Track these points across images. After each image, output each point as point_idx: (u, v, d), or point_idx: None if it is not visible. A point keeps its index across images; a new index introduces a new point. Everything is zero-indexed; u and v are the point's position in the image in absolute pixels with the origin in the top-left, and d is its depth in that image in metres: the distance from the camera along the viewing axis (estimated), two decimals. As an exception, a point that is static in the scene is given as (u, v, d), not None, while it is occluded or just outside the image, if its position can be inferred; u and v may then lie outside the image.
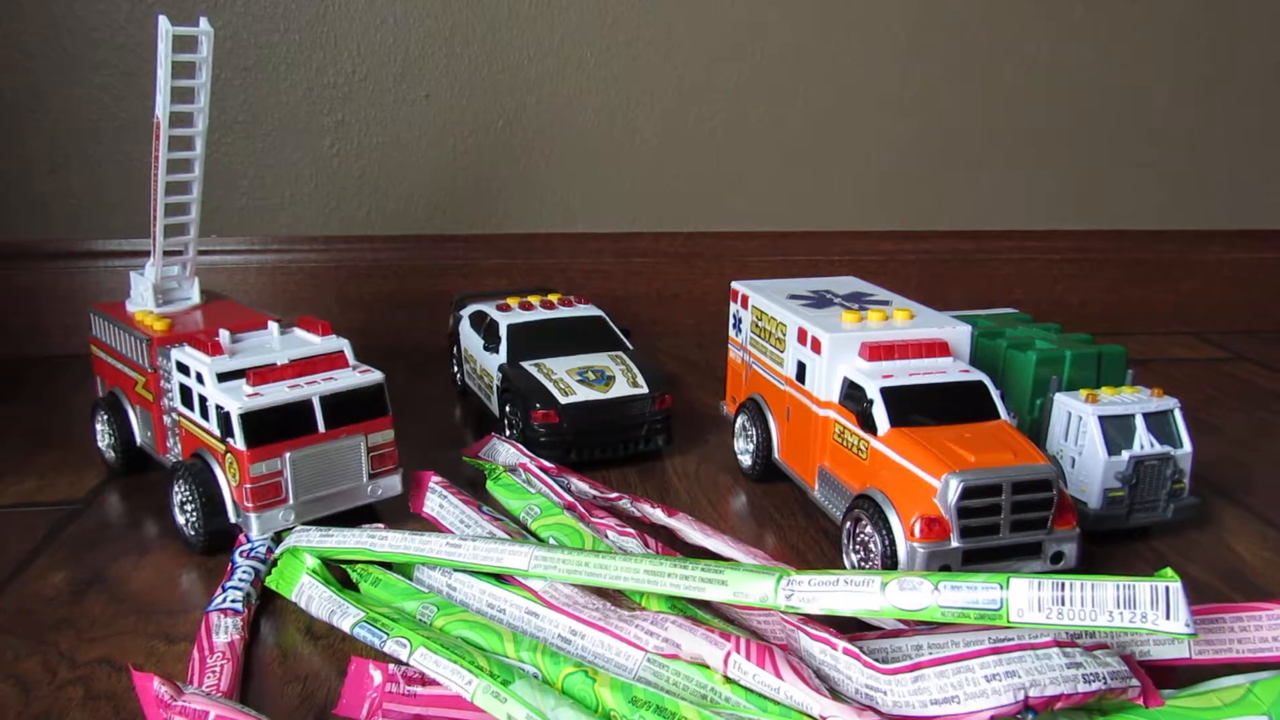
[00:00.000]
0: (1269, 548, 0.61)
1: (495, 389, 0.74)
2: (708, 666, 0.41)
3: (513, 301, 0.79)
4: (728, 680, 0.40)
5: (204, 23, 0.59)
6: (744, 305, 0.71)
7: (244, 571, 0.53)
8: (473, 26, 0.95)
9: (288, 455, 0.55)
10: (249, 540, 0.56)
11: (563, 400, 0.68)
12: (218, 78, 0.89)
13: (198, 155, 0.63)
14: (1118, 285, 1.11)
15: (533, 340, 0.74)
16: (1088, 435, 0.60)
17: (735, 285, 0.72)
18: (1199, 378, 0.96)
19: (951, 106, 1.04)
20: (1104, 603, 0.38)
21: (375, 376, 0.59)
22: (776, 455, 0.67)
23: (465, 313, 0.83)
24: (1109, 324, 1.11)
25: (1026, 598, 0.39)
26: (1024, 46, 1.03)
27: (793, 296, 0.68)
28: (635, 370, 0.72)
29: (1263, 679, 0.40)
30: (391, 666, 0.44)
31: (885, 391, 0.56)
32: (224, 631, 0.48)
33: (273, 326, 0.62)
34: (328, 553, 0.52)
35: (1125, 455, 0.59)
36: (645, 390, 0.70)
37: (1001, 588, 0.39)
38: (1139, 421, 0.60)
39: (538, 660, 0.43)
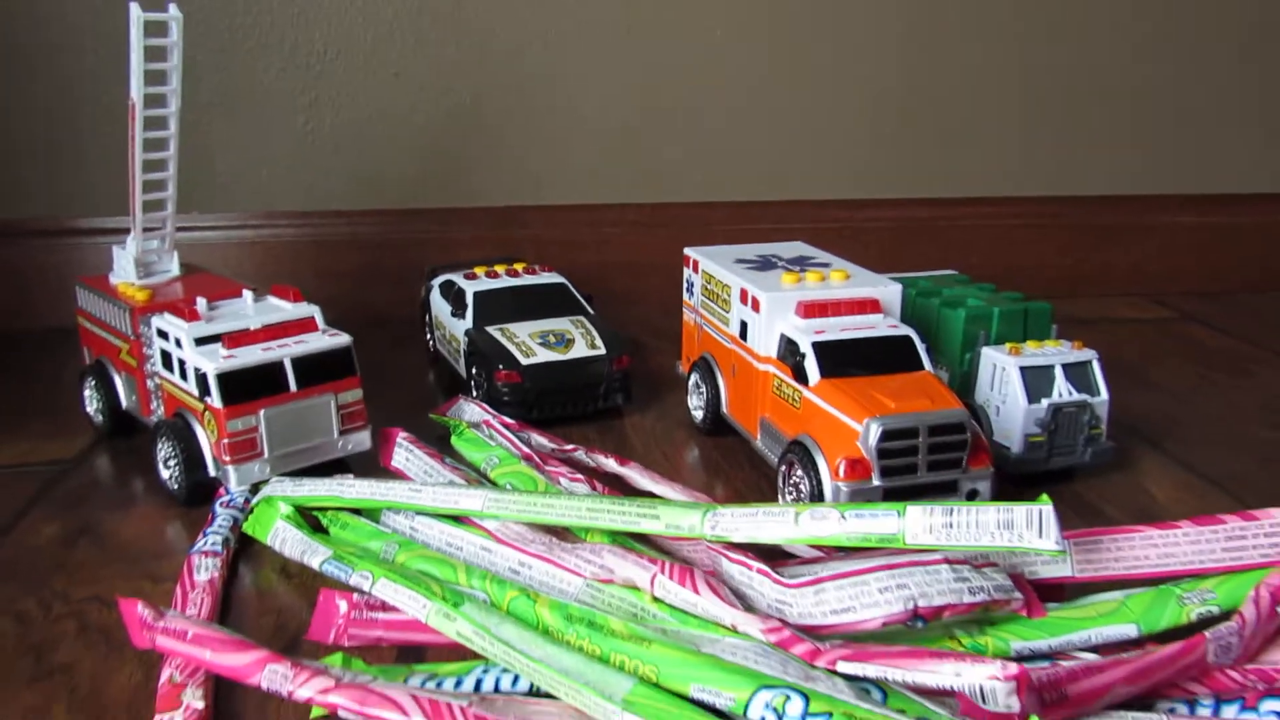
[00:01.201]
0: (1181, 489, 0.66)
1: (462, 352, 0.78)
2: (638, 588, 0.45)
3: (479, 270, 0.83)
4: (656, 600, 0.45)
5: (173, 8, 0.63)
6: (695, 270, 0.75)
7: (223, 519, 0.57)
8: (440, 5, 0.98)
9: (262, 413, 0.59)
10: (228, 492, 0.60)
11: (524, 361, 0.72)
12: (193, 59, 0.92)
13: (172, 135, 0.67)
14: (1073, 249, 1.15)
15: (497, 306, 0.79)
16: (1010, 385, 0.64)
17: (687, 251, 0.76)
18: (1145, 337, 1.01)
19: (908, 78, 1.08)
20: (986, 525, 0.42)
21: (343, 339, 0.63)
22: (725, 410, 0.71)
23: (435, 282, 0.87)
24: (1065, 287, 1.15)
25: (921, 523, 0.43)
26: (981, 17, 1.07)
27: (739, 261, 0.72)
28: (594, 333, 0.76)
29: (1135, 593, 0.45)
30: (356, 596, 0.49)
31: (817, 346, 0.60)
32: (204, 570, 0.52)
33: (247, 294, 0.66)
34: (300, 500, 0.57)
35: (1045, 403, 0.63)
36: (603, 351, 0.74)
37: (899, 515, 0.44)
38: (1058, 372, 0.64)
39: (486, 587, 0.47)
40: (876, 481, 0.55)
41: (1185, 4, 1.10)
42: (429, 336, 0.89)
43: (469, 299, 0.79)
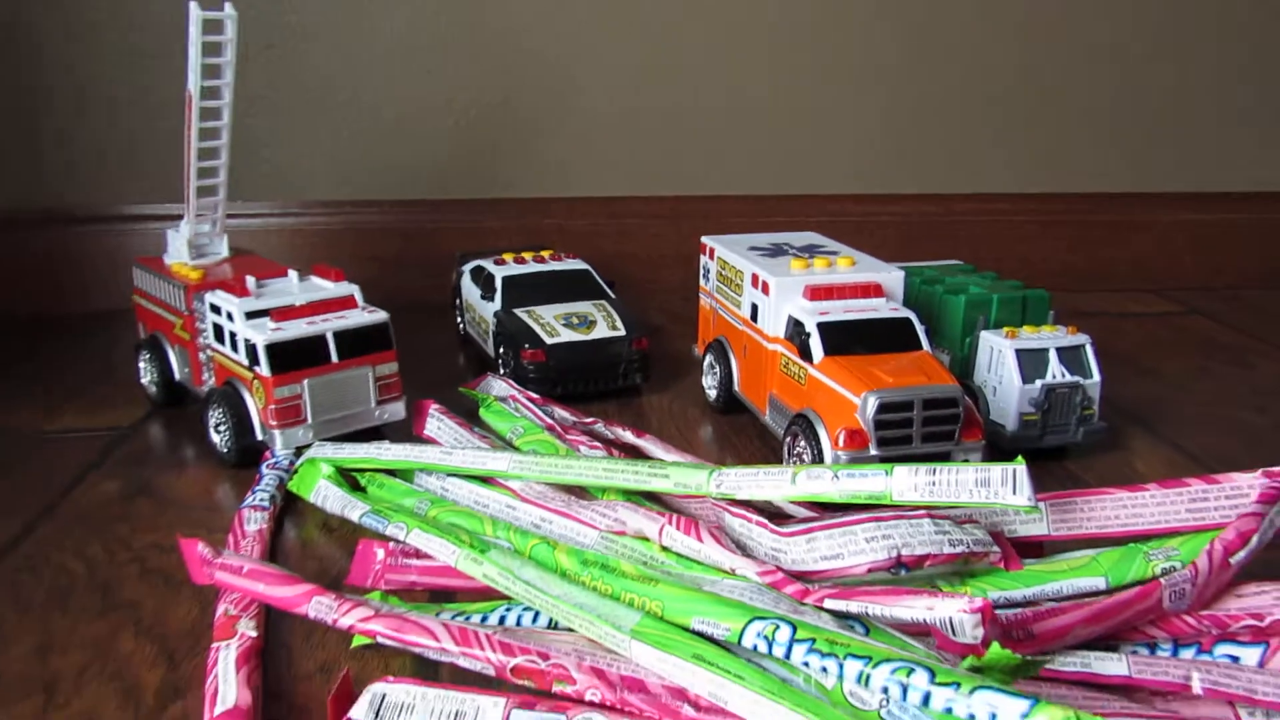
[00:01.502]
0: (1166, 466, 0.69)
1: (491, 333, 0.83)
2: (648, 539, 0.50)
3: (508, 256, 0.88)
4: (664, 549, 0.49)
5: (229, 7, 0.68)
6: (711, 257, 0.79)
7: (270, 479, 0.62)
8: (473, 8, 1.03)
9: (306, 381, 0.64)
10: (274, 454, 0.65)
11: (549, 341, 0.77)
12: (242, 56, 0.97)
13: (225, 125, 0.72)
14: (1080, 245, 1.18)
15: (524, 290, 0.83)
16: (1005, 366, 0.68)
17: (705, 239, 0.81)
18: (1149, 329, 1.04)
19: (920, 76, 1.11)
20: (965, 483, 0.46)
21: (381, 316, 0.68)
22: (737, 388, 0.75)
23: (466, 268, 0.91)
24: (1071, 281, 1.18)
25: (906, 482, 0.47)
26: (990, 15, 1.10)
27: (753, 248, 0.76)
28: (615, 315, 0.81)
29: (1105, 551, 0.49)
30: (392, 544, 0.53)
31: (821, 326, 0.64)
32: (254, 522, 0.57)
33: (292, 274, 0.71)
34: (341, 462, 0.62)
35: (1038, 384, 0.67)
36: (623, 333, 0.79)
37: (886, 475, 0.48)
38: (1052, 355, 0.68)
39: (510, 537, 0.52)
40: (873, 451, 0.59)
41: (1189, 10, 1.12)
42: (459, 319, 0.94)
43: (498, 283, 0.84)
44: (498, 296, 0.83)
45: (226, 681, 0.43)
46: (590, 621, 0.43)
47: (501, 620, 0.47)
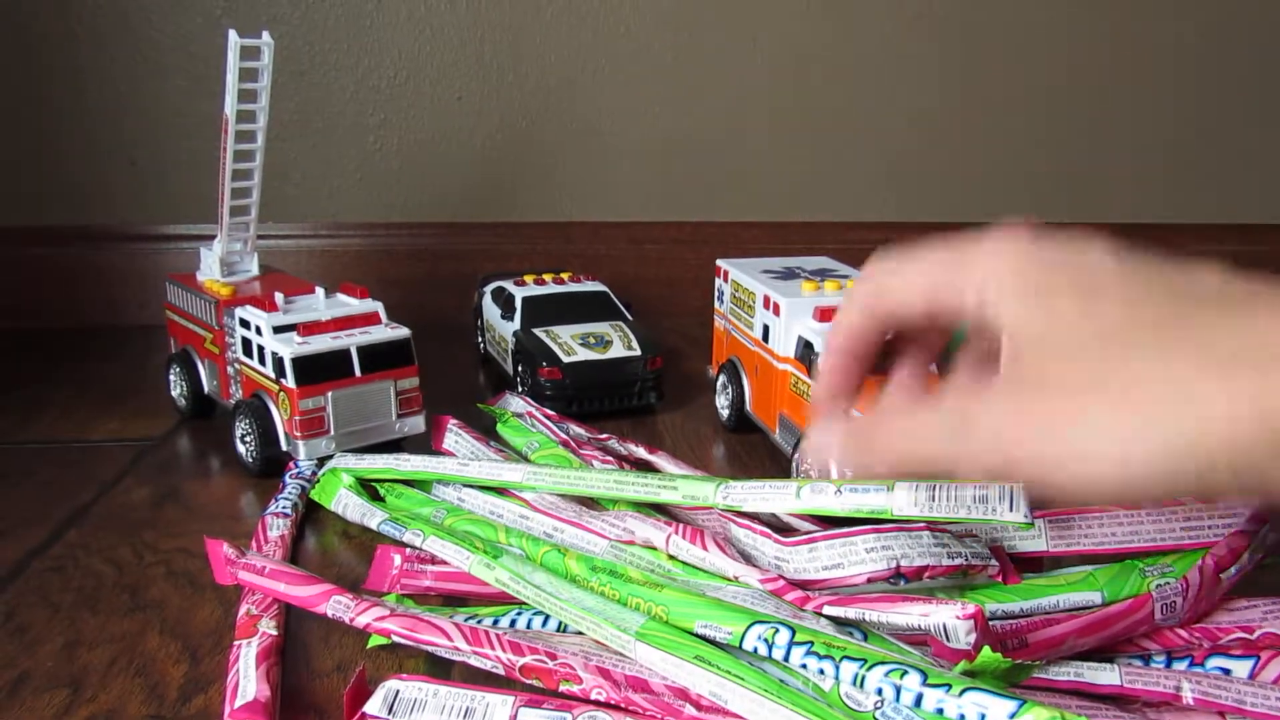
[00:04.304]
0: (1173, 490, 0.70)
1: (510, 351, 0.85)
2: (656, 548, 0.51)
3: (528, 278, 0.90)
4: (670, 557, 0.50)
5: (266, 35, 0.71)
6: (725, 279, 0.81)
7: (292, 488, 0.64)
8: (501, 36, 1.07)
9: (330, 394, 0.67)
10: (297, 465, 0.67)
11: (565, 359, 0.79)
12: (276, 81, 1.01)
13: (259, 148, 0.75)
14: (1097, 274, 1.19)
15: (543, 310, 0.85)
16: (1012, 389, 0.69)
17: (719, 262, 0.82)
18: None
19: (942, 105, 1.13)
20: (964, 500, 0.47)
21: (403, 332, 0.70)
22: (749, 408, 0.77)
23: (487, 288, 0.94)
24: (1088, 310, 1.19)
25: (906, 498, 0.48)
26: (1012, 47, 1.12)
27: (765, 271, 0.78)
28: (631, 336, 0.83)
29: (1102, 567, 0.50)
30: (408, 550, 0.55)
31: (830, 346, 0.65)
32: (276, 529, 0.59)
33: (319, 291, 0.74)
34: (361, 472, 0.64)
35: (1044, 407, 0.68)
36: (638, 353, 0.81)
37: (887, 490, 0.49)
38: (1058, 378, 0.69)
39: (523, 544, 0.53)
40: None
41: (1209, 35, 1.14)
42: (480, 339, 0.96)
43: (517, 303, 0.86)
44: (517, 316, 0.85)
45: (247, 676, 0.45)
46: (597, 624, 0.45)
47: (512, 623, 0.48)
